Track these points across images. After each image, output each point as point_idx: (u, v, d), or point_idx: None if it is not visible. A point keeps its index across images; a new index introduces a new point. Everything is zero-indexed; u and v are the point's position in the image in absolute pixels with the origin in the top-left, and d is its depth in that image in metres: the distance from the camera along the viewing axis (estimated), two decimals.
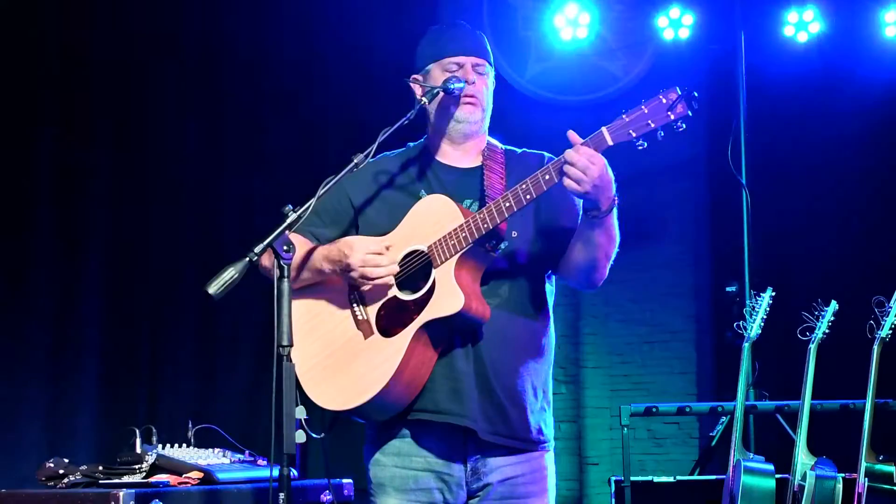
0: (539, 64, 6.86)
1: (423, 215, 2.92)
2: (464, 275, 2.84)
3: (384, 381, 2.79)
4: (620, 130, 2.72)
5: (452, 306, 2.79)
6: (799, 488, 4.57)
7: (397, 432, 2.94)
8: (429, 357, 2.85)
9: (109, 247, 5.59)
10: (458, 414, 2.85)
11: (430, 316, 2.81)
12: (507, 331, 2.91)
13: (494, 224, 2.81)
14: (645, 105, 2.71)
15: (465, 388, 2.85)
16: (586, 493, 7.18)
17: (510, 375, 2.90)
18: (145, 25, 5.75)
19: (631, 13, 6.69)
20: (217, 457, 3.88)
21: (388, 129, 2.84)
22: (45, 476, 3.66)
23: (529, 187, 2.79)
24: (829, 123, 6.43)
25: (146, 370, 5.67)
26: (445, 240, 2.84)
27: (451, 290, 2.80)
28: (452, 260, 2.82)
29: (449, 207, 2.89)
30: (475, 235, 2.81)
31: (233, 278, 2.54)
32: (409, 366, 2.82)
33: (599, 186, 2.73)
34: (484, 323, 2.86)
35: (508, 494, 2.93)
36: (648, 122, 2.70)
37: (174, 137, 5.88)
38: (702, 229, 7.18)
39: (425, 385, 2.86)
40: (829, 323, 4.79)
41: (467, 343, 2.88)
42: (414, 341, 2.82)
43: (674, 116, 2.69)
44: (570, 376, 7.30)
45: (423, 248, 2.88)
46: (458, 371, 2.86)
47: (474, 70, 3.01)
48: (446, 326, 2.84)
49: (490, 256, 2.89)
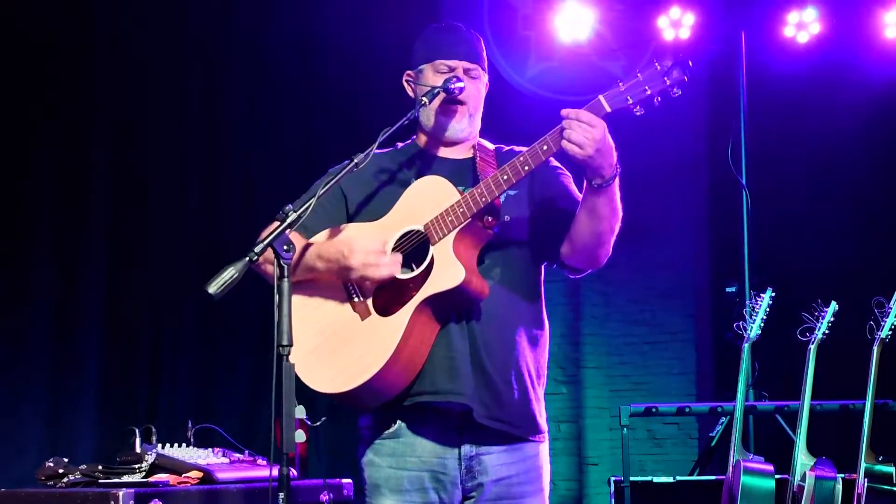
0: (539, 64, 6.87)
1: (418, 196, 2.91)
2: (462, 251, 2.83)
3: (383, 360, 2.78)
4: (618, 97, 2.73)
5: (453, 279, 2.78)
6: (798, 489, 4.57)
7: (392, 430, 2.92)
8: (427, 335, 2.84)
9: (110, 247, 5.59)
10: (456, 392, 2.84)
11: (431, 291, 2.80)
12: (500, 312, 2.90)
13: (493, 196, 2.81)
14: (640, 73, 2.73)
15: (460, 366, 2.84)
16: (586, 493, 7.19)
17: (503, 356, 2.90)
18: (145, 25, 5.75)
19: (631, 13, 6.69)
20: (217, 457, 3.88)
21: (389, 128, 2.84)
22: (44, 475, 3.66)
23: (528, 158, 2.79)
24: (829, 124, 6.43)
25: (146, 370, 5.67)
26: (443, 216, 2.83)
27: (452, 263, 2.79)
28: (451, 235, 2.82)
29: (444, 186, 2.89)
30: (473, 209, 2.81)
31: (233, 278, 2.54)
32: (409, 344, 2.80)
33: (602, 150, 2.72)
34: (482, 300, 2.85)
35: (504, 495, 2.92)
36: (645, 87, 2.71)
37: (174, 137, 5.88)
38: (702, 229, 7.18)
39: (423, 367, 2.84)
40: (829, 323, 4.78)
41: (462, 320, 2.87)
42: (413, 318, 2.80)
43: (669, 82, 2.70)
44: (569, 376, 7.31)
45: (419, 228, 2.87)
46: (454, 350, 2.85)
47: (466, 74, 3.00)
48: (446, 303, 2.82)
49: (487, 233, 2.88)
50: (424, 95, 2.95)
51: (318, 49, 6.28)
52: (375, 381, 2.80)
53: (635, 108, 2.73)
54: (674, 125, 6.71)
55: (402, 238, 2.90)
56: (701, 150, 7.09)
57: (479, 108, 3.06)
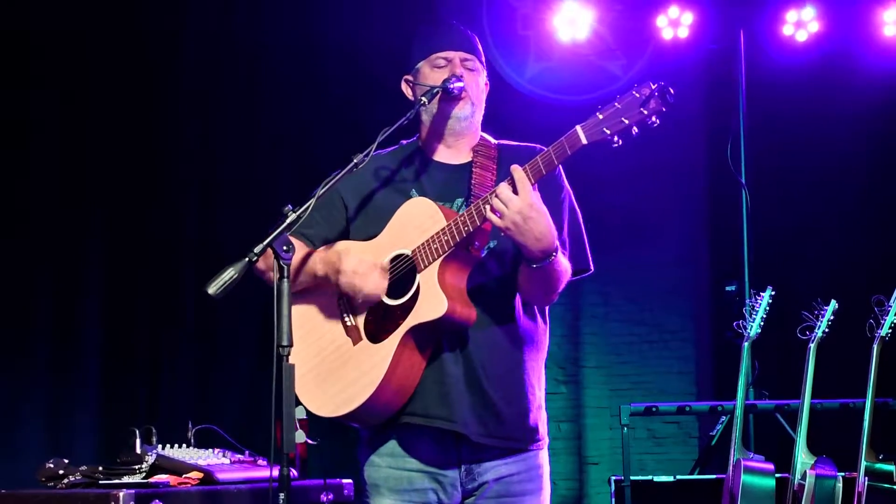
0: (538, 64, 6.86)
1: (407, 219, 2.89)
2: (448, 278, 2.80)
3: (373, 387, 2.79)
4: (595, 129, 2.64)
5: (436, 311, 2.76)
6: (799, 487, 4.57)
7: (390, 435, 2.93)
8: (417, 362, 2.84)
9: (109, 247, 5.59)
10: (448, 419, 2.83)
11: (415, 321, 2.79)
12: (496, 331, 2.89)
13: (475, 226, 2.76)
14: (618, 101, 2.62)
15: (454, 392, 2.83)
16: (586, 492, 7.18)
17: (501, 376, 2.88)
18: (145, 25, 5.74)
19: (631, 13, 6.69)
20: (217, 457, 3.88)
21: (387, 129, 2.83)
22: (44, 476, 3.66)
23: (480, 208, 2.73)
24: (829, 123, 6.43)
25: (146, 370, 5.67)
26: (428, 244, 2.81)
27: (435, 294, 2.77)
28: (435, 264, 2.79)
29: (431, 210, 2.85)
30: (456, 239, 2.77)
31: (232, 278, 2.54)
32: (398, 371, 2.80)
33: (523, 228, 2.66)
34: (470, 326, 2.83)
35: (504, 492, 2.91)
36: (622, 118, 2.60)
37: (174, 137, 5.88)
38: (701, 229, 7.18)
39: (416, 390, 2.84)
40: (829, 322, 4.79)
41: (455, 347, 2.85)
42: (401, 347, 2.80)
43: (647, 112, 2.58)
44: (569, 376, 7.30)
45: (408, 253, 2.85)
46: (447, 375, 2.84)
47: (463, 65, 2.97)
48: (433, 331, 2.81)
49: (474, 257, 2.86)
50: (424, 95, 2.92)
51: (317, 49, 6.27)
52: (367, 406, 2.81)
53: (613, 139, 2.63)
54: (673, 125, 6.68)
55: (393, 261, 2.89)
56: (701, 150, 7.08)
57: (479, 101, 3.02)
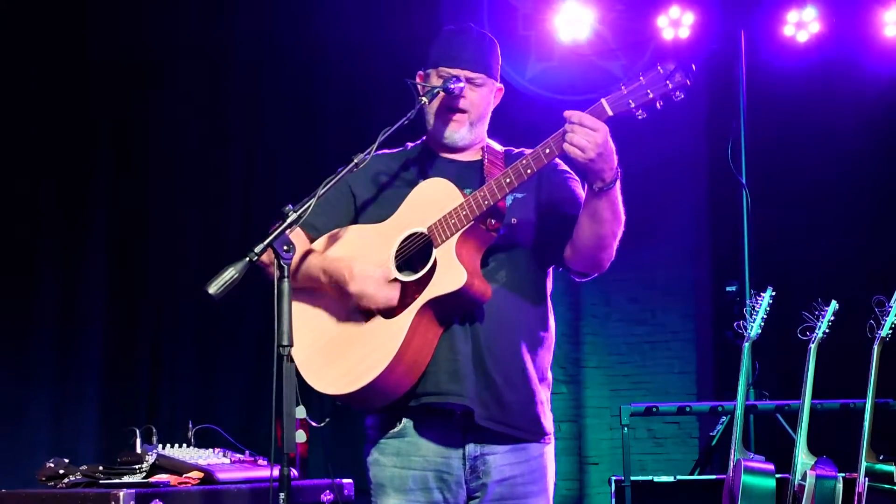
0: (539, 64, 6.86)
1: (422, 198, 2.92)
2: (465, 253, 2.83)
3: (386, 361, 2.78)
4: (620, 101, 2.72)
5: (455, 282, 2.78)
6: (799, 488, 4.57)
7: (397, 429, 2.93)
8: (430, 338, 2.84)
9: (111, 247, 5.59)
10: (460, 394, 2.84)
11: (433, 294, 2.80)
12: (504, 314, 2.90)
13: (496, 200, 2.81)
14: (643, 76, 2.71)
15: (462, 368, 2.85)
16: (586, 492, 7.19)
17: (505, 358, 2.90)
18: (145, 25, 5.75)
19: (631, 13, 6.69)
20: (217, 457, 3.88)
21: (389, 128, 2.84)
22: (45, 476, 3.66)
23: (530, 161, 2.79)
24: (829, 122, 6.43)
25: (146, 370, 5.67)
26: (446, 219, 2.83)
27: (454, 266, 2.79)
28: (454, 238, 2.82)
29: (448, 188, 2.89)
30: (476, 212, 2.81)
31: (233, 278, 2.54)
32: (412, 346, 2.80)
33: (603, 155, 2.72)
34: (485, 303, 2.85)
35: (508, 495, 2.93)
36: (647, 91, 2.70)
37: (175, 137, 5.88)
38: (702, 229, 7.18)
39: (427, 368, 2.85)
40: (829, 323, 4.78)
41: (466, 323, 2.87)
42: (416, 321, 2.80)
43: (672, 86, 2.68)
44: (570, 376, 7.30)
45: (423, 230, 2.87)
46: (457, 352, 2.86)
47: (470, 82, 2.99)
48: (448, 305, 2.83)
49: (491, 236, 2.88)
50: (424, 95, 2.95)
51: (320, 48, 6.27)
52: (379, 382, 2.80)
53: (637, 111, 2.72)
54: (674, 125, 6.70)
55: (405, 241, 2.90)
56: (701, 150, 7.09)
57: (483, 116, 3.05)
